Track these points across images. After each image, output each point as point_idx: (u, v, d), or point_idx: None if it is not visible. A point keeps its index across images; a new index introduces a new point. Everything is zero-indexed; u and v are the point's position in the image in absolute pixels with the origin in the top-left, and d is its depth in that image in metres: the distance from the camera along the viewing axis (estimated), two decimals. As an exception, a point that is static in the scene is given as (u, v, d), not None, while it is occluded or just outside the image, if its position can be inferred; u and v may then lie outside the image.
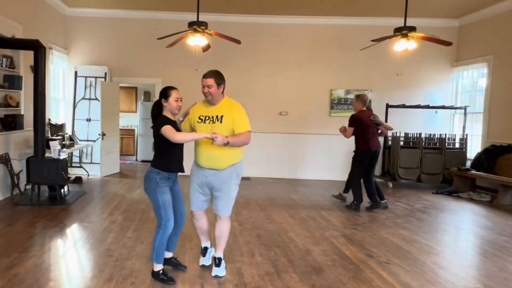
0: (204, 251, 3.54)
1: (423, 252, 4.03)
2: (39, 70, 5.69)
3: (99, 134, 8.02)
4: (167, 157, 3.11)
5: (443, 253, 4.06)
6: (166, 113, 3.17)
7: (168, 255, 3.37)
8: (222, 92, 3.23)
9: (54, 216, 4.97)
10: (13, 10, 6.05)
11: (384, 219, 5.33)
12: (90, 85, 8.27)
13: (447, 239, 4.64)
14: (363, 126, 5.69)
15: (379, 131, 5.85)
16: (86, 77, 8.26)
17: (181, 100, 3.17)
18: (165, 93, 3.14)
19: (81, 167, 8.06)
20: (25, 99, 6.34)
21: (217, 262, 3.32)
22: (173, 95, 3.13)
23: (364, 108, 5.81)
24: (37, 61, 5.67)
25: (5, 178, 5.84)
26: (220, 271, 3.30)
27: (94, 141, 8.18)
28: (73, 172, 7.88)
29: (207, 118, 3.22)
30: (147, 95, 11.24)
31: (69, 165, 7.45)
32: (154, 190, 3.09)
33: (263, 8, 7.82)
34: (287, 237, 4.42)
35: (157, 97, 9.11)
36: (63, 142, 6.81)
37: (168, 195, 3.14)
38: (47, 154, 5.91)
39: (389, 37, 5.81)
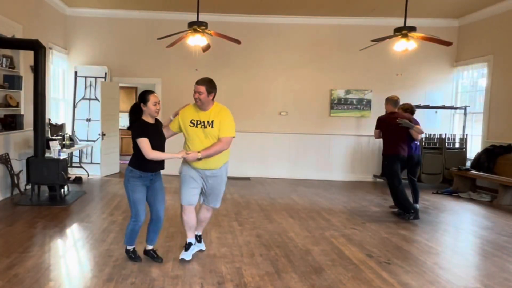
0: (188, 246, 3.65)
1: (423, 252, 4.03)
2: (39, 70, 5.69)
3: (99, 134, 8.02)
4: (142, 157, 3.27)
5: (443, 253, 4.06)
6: (146, 116, 3.35)
7: (148, 247, 3.63)
8: (212, 99, 3.43)
9: (54, 216, 4.97)
10: (13, 10, 6.05)
11: (384, 219, 5.33)
12: (90, 85, 8.27)
13: (447, 239, 4.64)
14: (388, 129, 5.36)
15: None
16: (86, 77, 8.26)
17: (159, 104, 3.35)
18: (144, 97, 3.32)
19: (81, 167, 8.06)
20: (25, 99, 6.34)
21: (198, 238, 3.84)
22: (152, 99, 3.30)
23: (396, 110, 5.42)
24: (37, 61, 5.67)
25: (5, 178, 5.84)
26: (185, 255, 3.59)
27: (94, 141, 8.18)
28: (73, 172, 7.88)
29: (199, 122, 3.41)
30: (147, 95, 11.23)
31: (69, 165, 7.45)
32: (126, 186, 3.39)
33: (263, 8, 7.82)
34: (287, 237, 4.42)
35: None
36: (63, 142, 6.81)
37: (138, 193, 3.36)
38: (47, 154, 5.91)
39: (389, 37, 5.81)
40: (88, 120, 8.26)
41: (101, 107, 7.96)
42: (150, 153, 3.21)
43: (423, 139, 7.89)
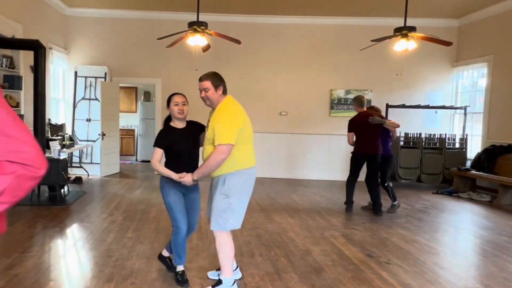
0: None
1: (423, 252, 4.03)
2: (39, 70, 5.69)
3: (99, 134, 8.02)
4: (173, 163, 3.08)
5: (443, 253, 4.06)
6: (173, 121, 3.15)
7: (166, 254, 3.38)
8: (222, 93, 2.94)
9: (54, 216, 4.97)
10: (13, 10, 6.05)
11: (384, 219, 5.33)
12: (90, 85, 8.27)
13: (447, 239, 4.64)
14: (359, 129, 5.45)
15: (391, 134, 5.53)
16: (86, 77, 8.26)
17: (182, 104, 3.06)
18: (168, 99, 3.12)
19: (81, 167, 8.06)
20: (25, 99, 6.34)
21: (216, 281, 3.03)
22: (173, 99, 3.07)
23: (363, 109, 5.57)
24: (37, 61, 5.67)
25: (5, 178, 5.84)
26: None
27: (94, 141, 8.18)
28: (73, 172, 7.88)
29: (207, 125, 3.03)
30: (147, 95, 11.24)
31: (69, 165, 7.45)
32: (161, 191, 3.15)
33: (263, 8, 7.82)
34: (287, 237, 4.42)
35: (157, 97, 9.04)
36: (63, 142, 6.81)
37: (173, 197, 3.07)
38: (47, 154, 5.91)
39: (389, 37, 5.81)
40: (88, 120, 8.26)
41: (101, 107, 7.96)
42: (153, 163, 3.02)
43: (423, 139, 7.89)
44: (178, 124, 3.14)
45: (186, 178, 2.94)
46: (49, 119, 7.35)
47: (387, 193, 5.69)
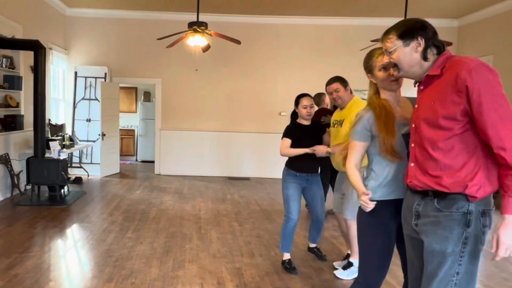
0: (347, 264, 3.42)
1: (423, 252, 4.02)
2: (39, 71, 5.69)
3: (99, 135, 8.02)
4: (295, 157, 3.41)
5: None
6: (299, 119, 3.50)
7: (311, 245, 3.78)
8: (350, 92, 3.29)
9: (54, 216, 4.97)
10: (13, 10, 6.05)
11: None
12: (90, 86, 8.27)
13: (447, 239, 4.64)
14: None
15: None
16: (86, 77, 8.26)
17: (310, 107, 3.38)
18: (296, 100, 3.45)
19: (81, 167, 8.06)
20: (25, 99, 6.34)
21: (346, 264, 3.38)
22: (302, 102, 3.41)
23: (324, 105, 5.49)
24: (37, 62, 5.67)
25: (5, 179, 5.85)
26: (342, 273, 3.34)
27: (94, 141, 8.18)
28: (73, 173, 7.88)
29: (336, 122, 3.33)
30: (147, 95, 11.24)
31: (69, 165, 7.45)
32: (282, 184, 3.55)
33: (263, 8, 7.82)
34: (287, 237, 4.42)
35: (157, 98, 9.06)
36: (63, 143, 6.81)
37: (290, 189, 3.45)
38: (47, 155, 5.91)
39: (389, 37, 5.81)
40: (88, 120, 8.26)
41: (101, 108, 7.96)
42: (282, 151, 3.41)
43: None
44: (304, 122, 3.48)
45: (319, 149, 3.20)
46: (49, 119, 7.35)
47: None
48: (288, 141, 3.40)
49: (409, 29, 1.76)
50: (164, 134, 8.51)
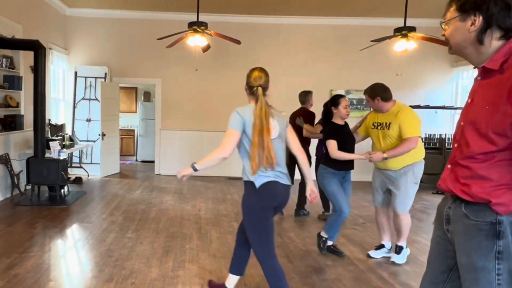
0: (379, 246, 3.88)
1: (423, 252, 4.03)
2: (39, 71, 5.69)
3: (99, 135, 8.02)
4: (330, 156, 3.58)
5: (443, 253, 4.06)
6: (336, 119, 3.67)
7: (329, 243, 3.83)
8: (383, 101, 3.53)
9: (54, 216, 4.97)
10: (13, 10, 6.05)
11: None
12: (90, 86, 8.26)
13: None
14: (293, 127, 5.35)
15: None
16: (86, 77, 8.25)
17: (349, 107, 3.64)
18: (335, 101, 3.64)
19: (81, 167, 8.06)
20: (25, 99, 6.34)
21: (397, 249, 3.69)
22: (343, 103, 3.62)
23: (302, 106, 5.39)
24: (37, 62, 5.67)
25: (5, 179, 5.84)
26: (397, 258, 3.66)
27: (94, 141, 8.18)
28: (73, 173, 7.88)
29: (378, 124, 3.60)
30: (147, 95, 11.24)
31: (69, 165, 7.45)
32: (322, 182, 3.72)
33: (263, 8, 7.82)
34: (287, 237, 4.42)
35: (157, 98, 9.03)
36: (63, 143, 6.81)
37: (334, 186, 3.64)
38: (47, 155, 5.91)
39: (389, 37, 5.81)
40: (88, 120, 8.26)
41: (101, 108, 7.96)
42: (335, 153, 3.52)
43: (423, 139, 7.89)
44: (340, 122, 3.68)
45: (377, 154, 3.41)
46: (49, 119, 7.35)
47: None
48: (335, 143, 3.54)
49: (470, 1, 1.40)
50: (164, 134, 8.50)
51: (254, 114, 2.50)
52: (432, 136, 7.98)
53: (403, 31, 5.62)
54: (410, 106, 7.61)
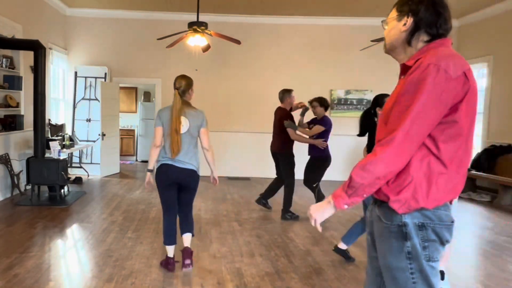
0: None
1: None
2: (39, 71, 5.69)
3: (99, 135, 8.02)
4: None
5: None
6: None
7: (343, 246, 3.70)
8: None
9: (54, 216, 4.97)
10: (13, 10, 6.05)
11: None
12: (90, 86, 8.27)
13: (447, 239, 4.64)
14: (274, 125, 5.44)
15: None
16: (86, 77, 8.26)
17: None
18: (379, 101, 3.33)
19: (81, 167, 8.06)
20: (25, 99, 6.34)
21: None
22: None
23: (280, 105, 5.45)
24: (37, 62, 5.67)
25: (5, 179, 5.84)
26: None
27: (94, 141, 8.18)
28: (73, 173, 7.88)
29: None
30: (147, 95, 11.25)
31: (69, 165, 7.45)
32: None
33: (263, 8, 7.82)
34: (287, 237, 4.42)
35: (157, 98, 9.02)
36: (63, 143, 6.81)
37: None
38: (47, 155, 5.91)
39: (389, 37, 5.81)
40: (88, 120, 8.26)
41: (101, 108, 7.96)
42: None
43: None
44: None
45: None
46: (49, 119, 7.35)
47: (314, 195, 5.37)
48: None
49: (406, 2, 1.50)
50: (164, 134, 8.50)
51: (170, 111, 3.25)
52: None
53: (403, 31, 5.62)
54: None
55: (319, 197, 5.22)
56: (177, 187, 3.38)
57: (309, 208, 1.54)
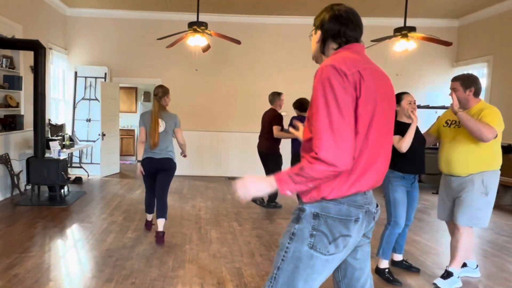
0: (462, 265, 3.35)
1: (423, 252, 4.03)
2: (39, 70, 5.69)
3: (99, 135, 8.02)
4: (398, 157, 3.15)
5: (443, 253, 4.06)
6: (400, 117, 3.31)
7: (398, 257, 3.50)
8: (474, 95, 3.10)
9: (54, 216, 4.97)
10: (13, 10, 6.05)
11: (384, 219, 5.33)
12: (90, 86, 8.27)
13: (447, 239, 4.63)
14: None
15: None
16: (86, 77, 8.26)
17: (414, 103, 3.27)
18: (398, 97, 3.27)
19: (81, 167, 8.06)
20: (25, 99, 6.34)
21: (445, 274, 3.17)
22: (406, 98, 3.28)
23: (271, 106, 5.77)
24: (37, 61, 5.67)
25: (5, 179, 5.84)
26: (442, 282, 3.13)
27: (94, 141, 8.18)
28: (73, 173, 7.88)
29: (452, 122, 3.21)
30: (147, 95, 11.24)
31: (69, 165, 7.45)
32: (387, 187, 3.26)
33: (263, 8, 7.82)
34: (287, 237, 4.41)
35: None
36: (63, 143, 6.81)
37: (400, 193, 3.23)
38: (47, 155, 5.91)
39: (389, 37, 5.81)
40: (88, 120, 8.26)
41: (101, 108, 7.96)
42: (403, 147, 3.17)
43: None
44: (406, 120, 3.29)
45: (454, 103, 3.06)
46: (49, 119, 7.35)
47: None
48: (396, 138, 3.18)
49: (317, 17, 1.67)
50: (164, 134, 8.50)
51: (150, 115, 4.09)
52: (432, 136, 7.97)
53: (403, 31, 5.63)
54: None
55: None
56: (156, 173, 4.15)
57: (242, 177, 1.56)
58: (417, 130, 3.33)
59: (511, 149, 6.86)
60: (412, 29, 5.60)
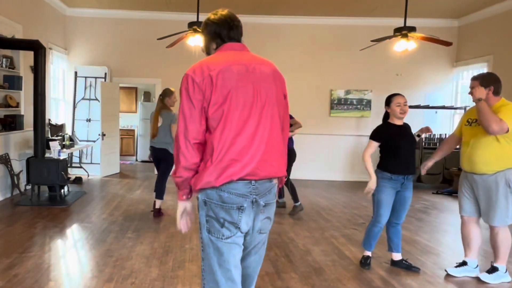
0: (461, 263, 3.40)
1: (423, 252, 4.03)
2: (39, 70, 5.69)
3: (99, 135, 8.02)
4: (387, 158, 3.29)
5: (443, 253, 4.06)
6: (391, 119, 3.34)
7: (397, 257, 3.54)
8: (494, 94, 3.10)
9: (54, 216, 4.97)
10: (13, 10, 6.05)
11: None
12: (90, 86, 8.27)
13: (447, 239, 4.64)
14: None
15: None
16: (86, 77, 8.25)
17: (404, 105, 3.26)
18: (387, 99, 3.33)
19: (81, 167, 8.06)
20: (25, 99, 6.34)
21: (490, 269, 3.28)
22: (395, 100, 3.30)
23: None
24: (37, 61, 5.67)
25: (5, 178, 5.84)
26: (487, 276, 3.25)
27: (94, 141, 8.18)
28: (73, 173, 7.88)
29: (473, 120, 3.17)
30: (147, 95, 11.25)
31: (69, 165, 7.45)
32: (376, 187, 3.30)
33: (263, 8, 7.82)
34: (287, 237, 4.42)
35: (157, 98, 9.04)
36: (63, 143, 6.81)
37: (385, 194, 3.28)
38: (47, 155, 5.91)
39: (389, 37, 5.81)
40: (88, 120, 8.26)
41: (101, 108, 7.96)
42: (365, 155, 3.31)
43: (423, 139, 7.88)
44: (397, 121, 3.33)
45: (477, 92, 3.04)
46: (49, 119, 7.35)
47: (289, 192, 5.49)
48: (373, 144, 3.33)
49: (202, 25, 1.96)
50: (164, 134, 8.50)
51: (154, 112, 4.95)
52: (432, 136, 7.97)
53: (403, 31, 5.62)
54: (410, 106, 7.61)
55: (292, 189, 5.44)
56: (159, 160, 4.99)
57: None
58: (406, 134, 3.35)
59: (511, 149, 6.85)
60: (412, 29, 5.60)
